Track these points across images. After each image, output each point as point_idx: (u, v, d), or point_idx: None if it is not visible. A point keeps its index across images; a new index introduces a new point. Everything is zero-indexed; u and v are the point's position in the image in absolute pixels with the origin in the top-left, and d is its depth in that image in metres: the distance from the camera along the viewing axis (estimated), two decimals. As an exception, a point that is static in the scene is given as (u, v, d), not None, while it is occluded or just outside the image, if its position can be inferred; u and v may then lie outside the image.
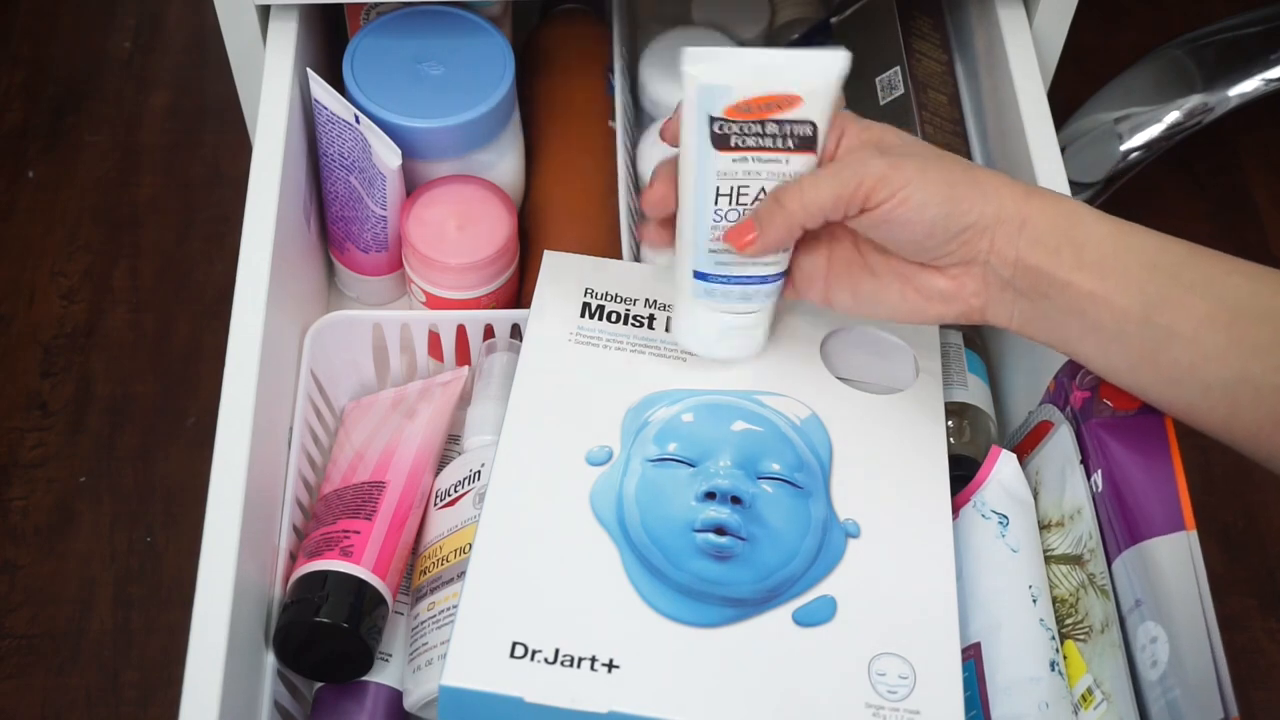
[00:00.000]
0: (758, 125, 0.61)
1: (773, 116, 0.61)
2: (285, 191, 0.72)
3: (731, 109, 0.61)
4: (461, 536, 0.67)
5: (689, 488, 0.64)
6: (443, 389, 0.75)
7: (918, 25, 0.84)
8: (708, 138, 0.61)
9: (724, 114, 0.61)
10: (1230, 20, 1.22)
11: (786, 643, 0.60)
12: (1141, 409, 0.63)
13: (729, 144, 0.62)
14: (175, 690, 0.58)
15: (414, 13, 0.79)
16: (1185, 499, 0.59)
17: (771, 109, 0.61)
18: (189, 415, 1.17)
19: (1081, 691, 0.61)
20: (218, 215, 1.27)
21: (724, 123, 0.61)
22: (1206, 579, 0.57)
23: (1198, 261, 0.59)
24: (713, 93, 0.61)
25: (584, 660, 0.58)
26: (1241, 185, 1.32)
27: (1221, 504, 1.15)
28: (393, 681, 0.68)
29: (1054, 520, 0.66)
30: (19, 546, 1.10)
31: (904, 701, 0.59)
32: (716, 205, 0.63)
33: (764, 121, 0.61)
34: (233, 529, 0.62)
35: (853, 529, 0.64)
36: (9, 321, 1.21)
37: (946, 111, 0.81)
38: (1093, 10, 0.89)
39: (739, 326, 0.67)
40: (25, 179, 1.30)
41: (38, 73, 1.36)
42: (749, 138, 0.62)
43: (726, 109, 0.61)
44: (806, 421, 0.67)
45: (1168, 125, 1.18)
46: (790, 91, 0.61)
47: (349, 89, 0.76)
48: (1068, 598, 0.64)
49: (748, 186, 0.63)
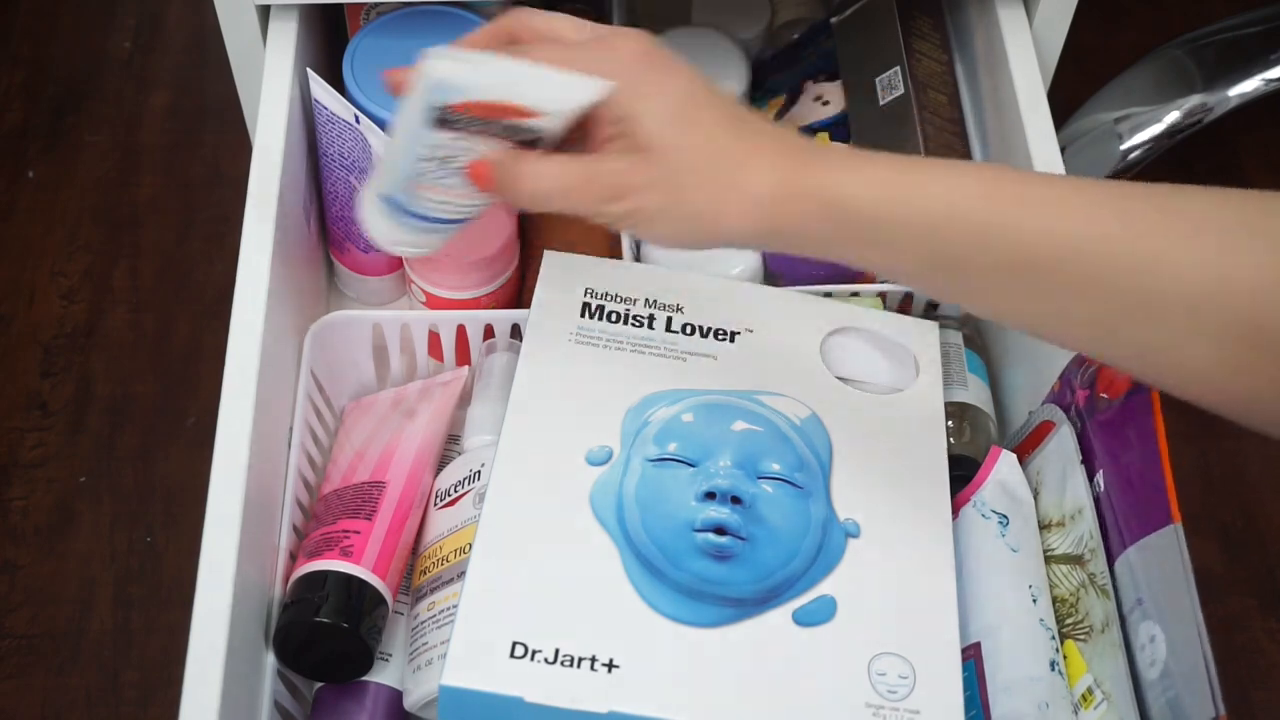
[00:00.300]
0: (482, 122, 0.61)
1: (503, 119, 0.61)
2: (285, 191, 0.72)
3: (461, 105, 0.60)
4: (461, 536, 0.67)
5: (689, 487, 0.64)
6: (443, 389, 0.75)
7: (918, 25, 0.84)
8: (425, 119, 0.61)
9: (452, 107, 0.60)
10: (1230, 20, 1.22)
11: (786, 643, 0.60)
12: (1129, 393, 0.63)
13: (452, 126, 0.61)
14: (175, 690, 0.58)
15: (414, 12, 0.79)
16: (1171, 491, 0.59)
17: (507, 113, 0.60)
18: (189, 415, 1.17)
19: (1082, 691, 0.61)
20: (218, 215, 1.27)
21: (449, 112, 0.60)
22: (1192, 572, 0.56)
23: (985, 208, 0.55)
24: (447, 88, 0.60)
25: (584, 660, 0.58)
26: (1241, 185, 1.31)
27: (1220, 504, 1.15)
28: (393, 681, 0.68)
29: (1054, 520, 0.66)
30: (19, 546, 1.10)
31: (904, 701, 0.59)
32: (418, 164, 0.62)
33: (491, 121, 0.61)
34: (233, 529, 0.62)
35: (853, 529, 0.64)
36: (9, 321, 1.21)
37: (946, 111, 0.81)
38: (1093, 10, 0.89)
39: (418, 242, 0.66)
40: (25, 179, 1.30)
41: (38, 73, 1.36)
42: (474, 125, 0.61)
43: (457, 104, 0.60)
44: (806, 421, 0.67)
45: (1168, 125, 1.18)
46: (527, 105, 0.60)
47: (349, 89, 0.76)
48: (1068, 597, 0.64)
49: (458, 158, 0.62)
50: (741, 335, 0.70)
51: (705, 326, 0.70)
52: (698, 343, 0.69)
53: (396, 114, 0.62)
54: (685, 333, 0.70)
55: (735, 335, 0.70)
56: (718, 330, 0.70)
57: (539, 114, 0.60)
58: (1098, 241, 0.52)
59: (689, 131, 0.57)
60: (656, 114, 0.57)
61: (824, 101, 0.84)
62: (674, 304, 0.70)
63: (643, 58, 0.58)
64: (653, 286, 0.71)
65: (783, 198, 0.56)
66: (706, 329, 0.70)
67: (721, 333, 0.70)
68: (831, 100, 0.84)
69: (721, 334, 0.70)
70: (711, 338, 0.70)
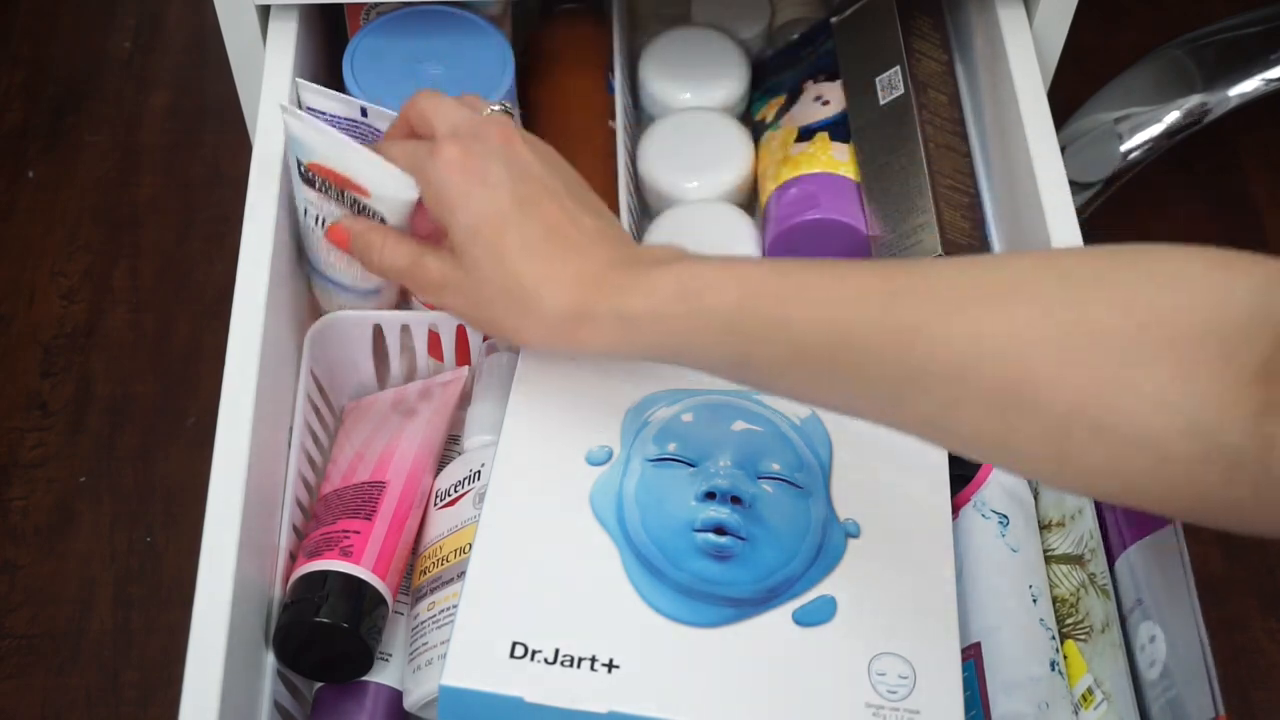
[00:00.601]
0: (336, 190, 0.68)
1: (348, 190, 0.68)
2: (285, 191, 0.72)
3: (314, 165, 0.68)
4: (461, 536, 0.67)
5: (689, 487, 0.64)
6: (443, 389, 0.75)
7: (918, 25, 0.84)
8: (297, 174, 0.70)
9: (308, 164, 0.68)
10: (1230, 20, 1.22)
11: (786, 643, 0.60)
12: None
13: (313, 185, 0.69)
14: (175, 690, 0.58)
15: (414, 12, 0.79)
16: None
17: (347, 184, 0.67)
18: (189, 415, 1.17)
19: (1082, 691, 0.61)
20: (218, 215, 1.27)
21: (308, 170, 0.69)
22: (1192, 572, 0.57)
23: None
24: (299, 145, 0.68)
25: (584, 660, 0.58)
26: (1241, 185, 1.32)
27: (1221, 504, 1.15)
28: (393, 681, 0.68)
29: (1054, 520, 0.66)
30: (19, 546, 1.10)
31: (904, 701, 0.59)
32: (304, 219, 0.72)
33: (341, 190, 0.68)
34: (233, 529, 0.62)
35: (853, 529, 0.64)
36: (9, 321, 1.21)
37: (946, 111, 0.81)
38: (1093, 10, 0.89)
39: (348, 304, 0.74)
40: (25, 179, 1.30)
41: (38, 73, 1.36)
42: (330, 190, 0.69)
43: (310, 162, 0.68)
44: (806, 421, 0.67)
45: (1168, 125, 1.17)
46: (360, 183, 0.67)
47: (350, 89, 0.76)
48: (1068, 597, 0.64)
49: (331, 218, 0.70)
50: (741, 335, 0.70)
51: (705, 326, 0.70)
52: (698, 343, 0.69)
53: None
54: (685, 333, 0.69)
55: (735, 335, 0.70)
56: (718, 330, 0.70)
57: (369, 194, 0.67)
58: (861, 324, 0.53)
59: (487, 253, 0.61)
60: (460, 227, 0.61)
61: (824, 101, 0.84)
62: (674, 304, 0.70)
63: (458, 169, 0.62)
64: (653, 286, 0.71)
65: (576, 322, 0.59)
66: (706, 329, 0.70)
67: (721, 333, 0.70)
68: (831, 100, 0.84)
69: (721, 334, 0.70)
70: (711, 338, 0.69)
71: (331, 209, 0.69)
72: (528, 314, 0.60)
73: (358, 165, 0.67)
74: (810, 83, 0.86)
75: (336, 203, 0.69)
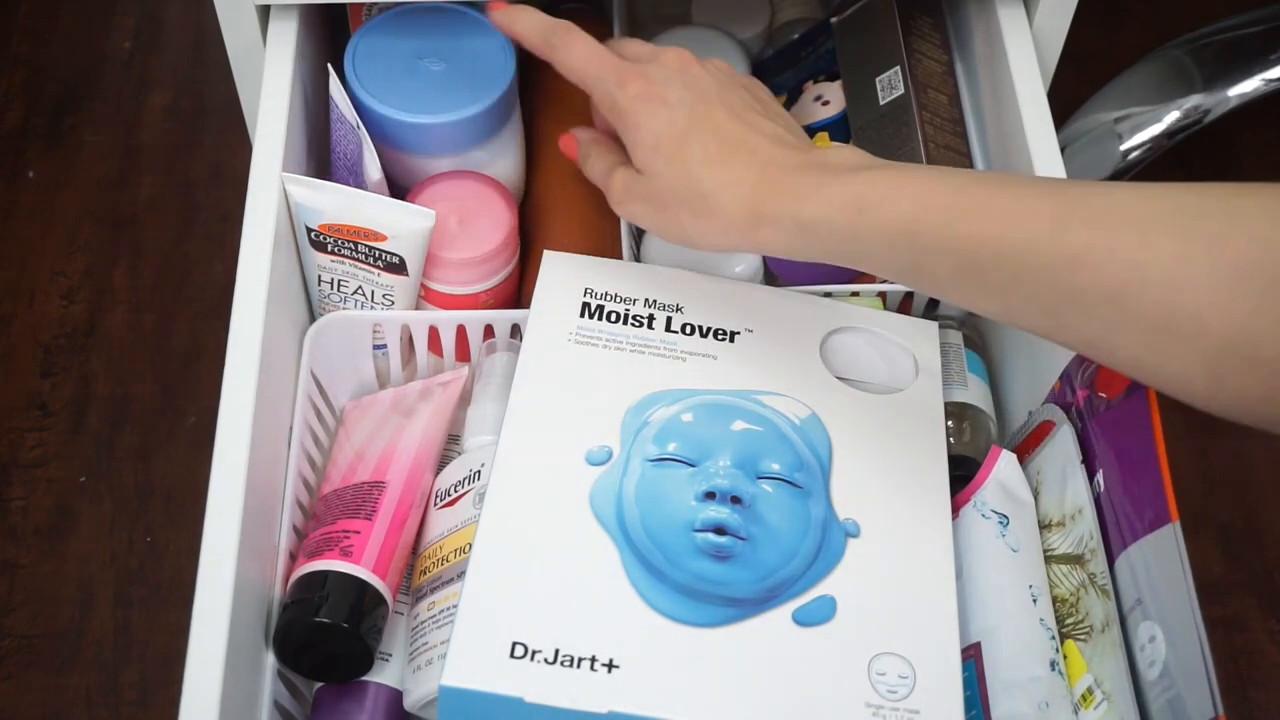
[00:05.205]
0: (350, 244, 0.71)
1: (362, 241, 0.71)
2: (285, 191, 0.72)
3: (325, 226, 0.71)
4: (461, 536, 0.67)
5: (689, 487, 0.64)
6: (443, 389, 0.75)
7: (918, 25, 0.84)
8: (307, 241, 0.72)
9: (318, 227, 0.71)
10: (1230, 20, 1.22)
11: (786, 643, 0.60)
12: (1127, 392, 0.63)
13: (325, 249, 0.72)
14: (175, 690, 0.58)
15: (416, 10, 0.79)
16: (1169, 490, 0.59)
17: (360, 235, 0.71)
18: (189, 415, 1.16)
19: (1082, 691, 0.61)
20: (218, 215, 1.27)
21: (319, 234, 0.72)
22: (1191, 571, 0.57)
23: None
24: (307, 211, 0.71)
25: (584, 660, 0.58)
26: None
27: (1220, 504, 1.15)
28: (393, 681, 0.68)
29: (1055, 520, 0.66)
30: (19, 546, 1.10)
31: (904, 701, 0.59)
32: (320, 287, 0.75)
33: (355, 243, 0.71)
34: (233, 529, 0.62)
35: (852, 529, 0.64)
36: (9, 321, 1.21)
37: (946, 111, 0.81)
38: (1093, 10, 0.89)
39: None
40: (25, 179, 1.29)
41: (38, 73, 1.36)
42: (344, 248, 0.72)
43: (320, 224, 0.71)
44: (806, 421, 0.67)
45: (1168, 125, 1.18)
46: (375, 230, 0.71)
47: (350, 85, 0.76)
48: (1068, 597, 0.64)
49: (347, 281, 0.73)
50: (741, 335, 0.70)
51: (705, 326, 0.70)
52: (697, 342, 0.69)
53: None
54: (685, 332, 0.70)
55: (735, 335, 0.70)
56: (717, 330, 0.70)
57: (386, 238, 0.71)
58: (1028, 244, 0.56)
59: (669, 164, 0.66)
60: (643, 145, 0.67)
61: (824, 101, 0.84)
62: (674, 304, 0.71)
63: (641, 94, 0.67)
64: (652, 286, 0.71)
65: (755, 223, 0.63)
66: (706, 329, 0.70)
67: (721, 333, 0.70)
68: (831, 100, 0.84)
69: (721, 334, 0.70)
70: (711, 337, 0.70)
71: (346, 269, 0.73)
72: (711, 216, 0.64)
73: (371, 213, 0.71)
74: (810, 83, 0.86)
75: (351, 262, 0.72)
